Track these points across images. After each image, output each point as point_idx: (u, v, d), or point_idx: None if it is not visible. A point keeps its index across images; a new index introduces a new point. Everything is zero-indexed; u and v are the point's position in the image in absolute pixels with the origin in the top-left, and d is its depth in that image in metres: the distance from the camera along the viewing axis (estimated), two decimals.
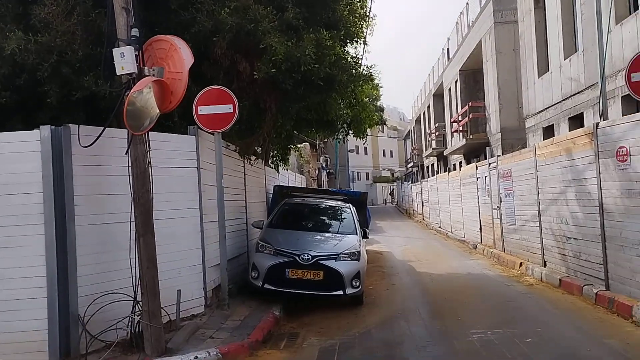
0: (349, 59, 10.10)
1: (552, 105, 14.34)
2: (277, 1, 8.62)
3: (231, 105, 8.24)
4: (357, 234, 10.16)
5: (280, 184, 15.29)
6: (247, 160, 11.24)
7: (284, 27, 8.61)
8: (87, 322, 6.21)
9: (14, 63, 7.30)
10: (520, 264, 12.39)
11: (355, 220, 10.71)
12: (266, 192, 13.83)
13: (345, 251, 9.27)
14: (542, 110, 15.04)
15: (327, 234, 10.28)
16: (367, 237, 10.92)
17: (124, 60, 6.20)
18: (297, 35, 8.64)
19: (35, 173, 6.23)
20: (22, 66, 7.32)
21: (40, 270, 6.13)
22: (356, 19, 10.51)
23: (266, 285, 8.93)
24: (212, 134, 8.38)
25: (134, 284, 6.40)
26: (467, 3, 24.10)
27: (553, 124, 14.49)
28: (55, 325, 6.13)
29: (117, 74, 6.25)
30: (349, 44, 10.65)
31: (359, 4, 11.15)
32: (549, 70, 14.77)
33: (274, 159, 15.20)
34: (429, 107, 38.28)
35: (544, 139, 14.17)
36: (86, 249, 6.39)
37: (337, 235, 10.12)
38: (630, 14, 11.09)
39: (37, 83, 7.45)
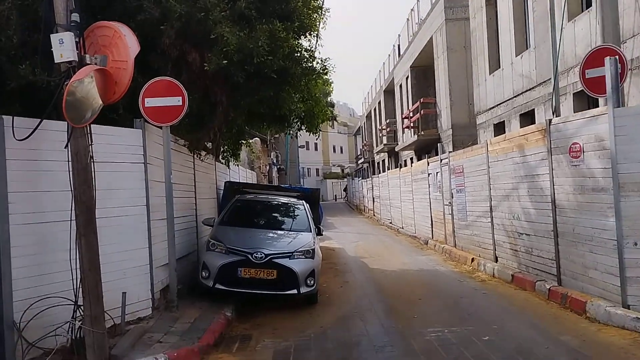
0: (302, 52, 9.85)
1: (504, 102, 14.47)
2: None
3: (180, 97, 7.84)
4: (311, 232, 9.94)
5: (231, 180, 14.93)
6: (197, 156, 10.85)
7: (236, 17, 8.29)
8: (23, 328, 5.75)
9: None
10: (472, 260, 12.46)
11: (309, 217, 10.49)
12: (216, 188, 13.45)
13: (300, 249, 9.03)
14: (493, 107, 15.17)
15: (280, 232, 10.02)
16: (322, 235, 10.71)
17: (62, 47, 5.74)
18: (250, 26, 8.34)
19: None
20: None
21: None
22: (310, 11, 10.26)
23: (217, 285, 8.59)
24: (160, 127, 7.97)
25: (75, 287, 5.97)
26: (418, 0, 24.24)
27: (504, 121, 14.63)
28: None
29: (56, 61, 5.79)
30: (302, 37, 10.39)
31: None
32: (500, 67, 14.89)
33: (225, 154, 14.80)
34: (379, 103, 38.44)
35: (495, 136, 14.30)
36: (22, 250, 5.91)
37: (291, 232, 9.87)
38: (582, 11, 11.24)
39: None
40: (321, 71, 10.35)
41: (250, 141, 24.53)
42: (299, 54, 9.66)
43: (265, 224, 10.33)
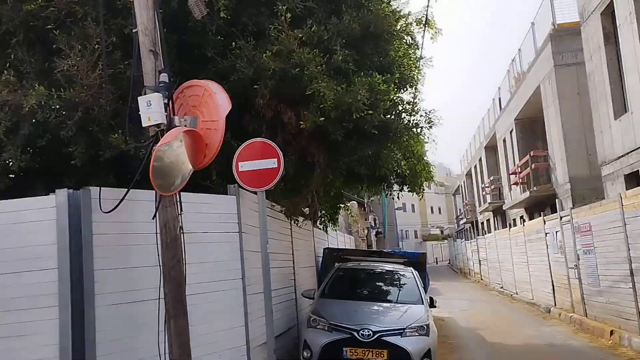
0: (405, 105, 9.09)
1: (636, 149, 12.79)
2: (324, 44, 7.75)
3: (275, 159, 7.19)
4: (423, 304, 8.81)
5: (330, 247, 14.14)
6: (294, 222, 10.17)
7: (332, 71, 7.71)
8: None
9: (35, 122, 6.61)
10: (611, 332, 10.70)
11: (420, 286, 9.38)
12: (315, 256, 12.68)
13: (412, 325, 7.93)
14: (622, 155, 13.47)
15: (388, 304, 8.99)
16: (435, 307, 9.51)
17: (150, 109, 5.31)
18: (347, 80, 7.72)
19: (50, 245, 5.29)
20: (44, 125, 6.62)
21: None
22: (410, 62, 9.55)
23: None
24: (255, 193, 7.34)
25: None
26: (520, 50, 22.98)
27: (638, 170, 12.92)
28: None
29: (144, 125, 5.34)
30: (403, 90, 9.66)
31: (410, 50, 10.23)
32: (627, 111, 13.29)
33: (323, 219, 14.09)
34: (480, 160, 36.77)
35: (626, 188, 12.58)
36: (108, 335, 5.33)
37: (400, 305, 8.80)
38: None
39: (61, 143, 6.72)
40: (426, 124, 9.47)
41: (348, 205, 23.83)
42: (400, 108, 8.91)
43: (370, 296, 9.33)
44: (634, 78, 12.58)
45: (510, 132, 25.73)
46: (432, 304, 9.14)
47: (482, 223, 39.34)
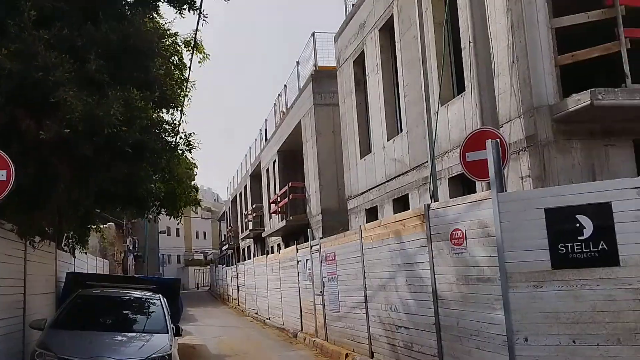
0: (164, 126, 8.82)
1: (376, 187, 14.29)
2: (76, 51, 7.15)
3: (5, 171, 6.34)
4: (167, 332, 8.47)
5: (75, 271, 12.98)
6: (30, 243, 9.09)
7: (84, 81, 7.13)
8: None
9: None
10: (346, 355, 11.52)
11: (166, 314, 9.02)
12: (56, 281, 11.50)
13: (153, 355, 7.55)
14: (365, 192, 14.96)
15: (130, 334, 8.44)
16: (181, 335, 9.22)
17: None
18: (101, 92, 7.21)
19: None
20: None
21: None
22: (173, 82, 9.34)
23: None
24: None
25: None
26: (285, 85, 24.34)
27: (377, 206, 14.40)
28: None
29: None
30: (164, 110, 9.39)
31: (176, 70, 10.06)
32: (371, 152, 14.83)
33: (70, 240, 12.90)
34: (245, 187, 37.72)
35: (367, 221, 13.90)
36: None
37: (143, 334, 8.34)
38: (454, 96, 11.36)
39: None
40: (185, 147, 9.30)
41: (103, 226, 22.34)
42: (159, 128, 8.62)
43: (112, 325, 8.68)
44: (377, 122, 14.09)
45: (274, 162, 26.90)
46: (178, 333, 8.85)
47: (244, 250, 40.19)
